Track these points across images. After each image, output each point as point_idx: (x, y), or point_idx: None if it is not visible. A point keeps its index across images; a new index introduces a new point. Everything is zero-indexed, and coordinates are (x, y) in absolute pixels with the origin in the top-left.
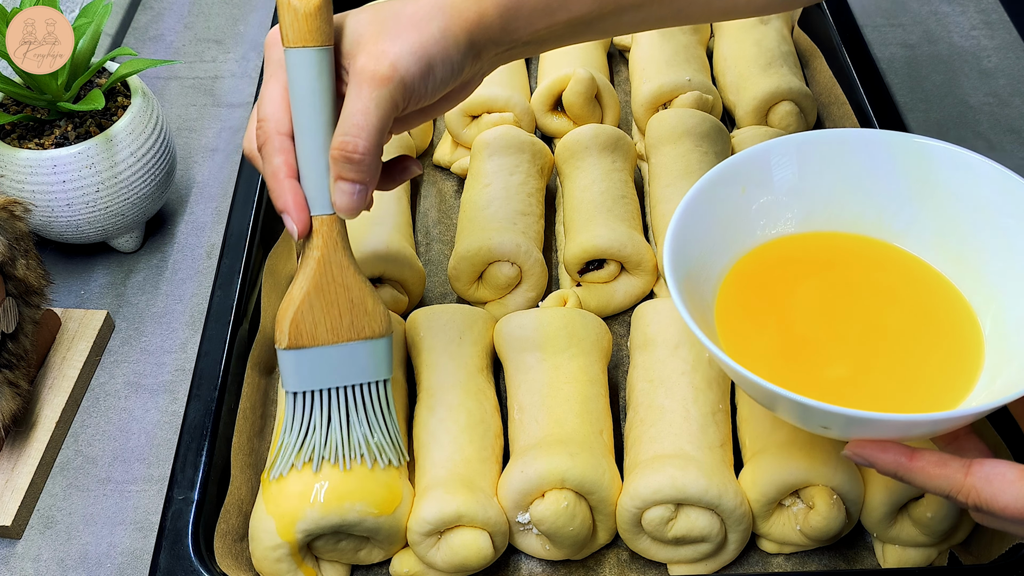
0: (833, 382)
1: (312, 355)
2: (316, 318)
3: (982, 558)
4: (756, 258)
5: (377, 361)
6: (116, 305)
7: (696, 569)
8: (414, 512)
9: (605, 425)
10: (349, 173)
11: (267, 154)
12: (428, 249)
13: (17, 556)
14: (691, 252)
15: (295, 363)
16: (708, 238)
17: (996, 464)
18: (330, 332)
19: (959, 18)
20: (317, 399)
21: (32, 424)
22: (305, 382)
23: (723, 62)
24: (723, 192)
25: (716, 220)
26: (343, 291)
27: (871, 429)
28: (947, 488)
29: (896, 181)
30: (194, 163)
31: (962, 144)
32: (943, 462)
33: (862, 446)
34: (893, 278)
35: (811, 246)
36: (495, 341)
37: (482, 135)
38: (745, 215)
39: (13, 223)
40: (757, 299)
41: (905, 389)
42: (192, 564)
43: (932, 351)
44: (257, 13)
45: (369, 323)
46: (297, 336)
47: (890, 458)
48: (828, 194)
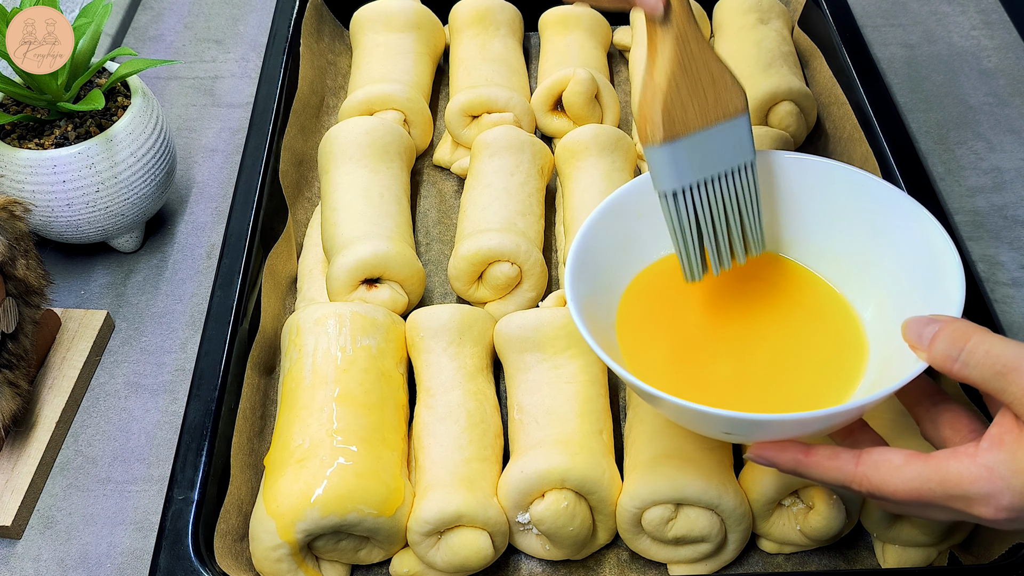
0: (730, 389)
1: (687, 144)
2: (684, 102)
3: (982, 558)
4: (650, 275)
5: (742, 141)
6: (116, 305)
7: (696, 569)
8: (414, 512)
9: (605, 425)
10: None
11: None
12: (428, 249)
13: (17, 556)
14: (590, 276)
15: (672, 157)
16: (606, 262)
17: (884, 451)
18: (699, 115)
19: (959, 18)
20: (693, 196)
21: (32, 424)
22: (684, 176)
23: None
24: (619, 218)
25: (613, 245)
26: (704, 67)
27: (769, 430)
28: (841, 479)
29: (780, 197)
30: (194, 163)
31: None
32: (835, 455)
33: (763, 448)
34: (782, 286)
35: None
36: (495, 341)
37: (482, 135)
38: (641, 238)
39: (13, 223)
40: (654, 315)
41: (798, 390)
42: (192, 564)
43: (820, 352)
44: (257, 13)
45: (732, 99)
46: (671, 126)
47: (788, 457)
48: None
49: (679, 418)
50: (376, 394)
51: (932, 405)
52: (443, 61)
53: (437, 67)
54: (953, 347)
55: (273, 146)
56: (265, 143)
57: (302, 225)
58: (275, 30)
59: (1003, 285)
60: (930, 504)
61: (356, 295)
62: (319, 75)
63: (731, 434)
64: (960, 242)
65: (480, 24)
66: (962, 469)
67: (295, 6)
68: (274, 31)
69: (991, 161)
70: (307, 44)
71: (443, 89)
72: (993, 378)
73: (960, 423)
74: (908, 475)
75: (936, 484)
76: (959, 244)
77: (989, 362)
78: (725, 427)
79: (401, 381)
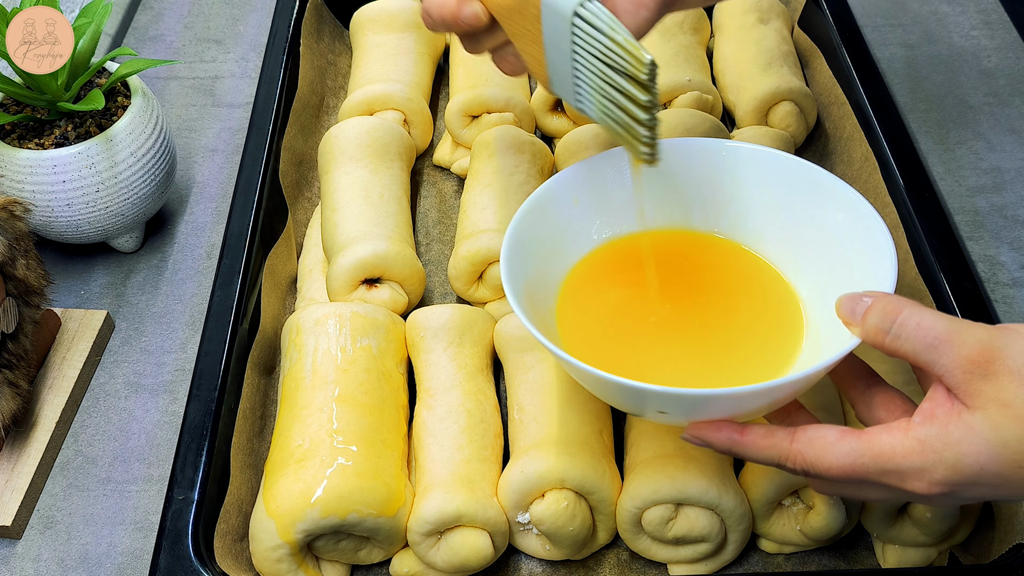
0: (668, 370)
1: None
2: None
3: (982, 558)
4: (591, 261)
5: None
6: (116, 305)
7: (696, 569)
8: (414, 512)
9: (605, 425)
10: None
11: None
12: (428, 249)
13: (17, 556)
14: (527, 262)
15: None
16: (544, 247)
17: (818, 428)
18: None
19: (959, 18)
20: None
21: (32, 424)
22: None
23: (723, 62)
24: (556, 204)
25: (551, 230)
26: None
27: (704, 407)
28: (776, 457)
29: (720, 182)
30: (194, 163)
31: (962, 144)
32: (770, 433)
33: (699, 428)
34: (724, 267)
35: (640, 244)
36: (495, 341)
37: (482, 135)
38: (579, 224)
39: (13, 223)
40: (593, 299)
41: (736, 370)
42: (192, 564)
43: (758, 332)
44: (257, 13)
45: None
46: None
47: (723, 436)
48: (657, 198)
49: (614, 398)
50: (376, 394)
51: (866, 387)
52: (443, 61)
53: (437, 67)
54: (885, 320)
55: (273, 146)
56: (265, 143)
57: (302, 225)
58: (275, 30)
59: (1003, 285)
60: (864, 481)
61: (356, 295)
62: (319, 75)
63: (666, 413)
64: (960, 242)
65: None
66: (895, 443)
67: (295, 6)
68: (274, 31)
69: (991, 161)
70: (307, 44)
71: (443, 89)
72: (924, 350)
73: (894, 404)
74: (842, 451)
75: (869, 459)
76: (959, 244)
77: (920, 335)
78: (660, 405)
79: (401, 381)
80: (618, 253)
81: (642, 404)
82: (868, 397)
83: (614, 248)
